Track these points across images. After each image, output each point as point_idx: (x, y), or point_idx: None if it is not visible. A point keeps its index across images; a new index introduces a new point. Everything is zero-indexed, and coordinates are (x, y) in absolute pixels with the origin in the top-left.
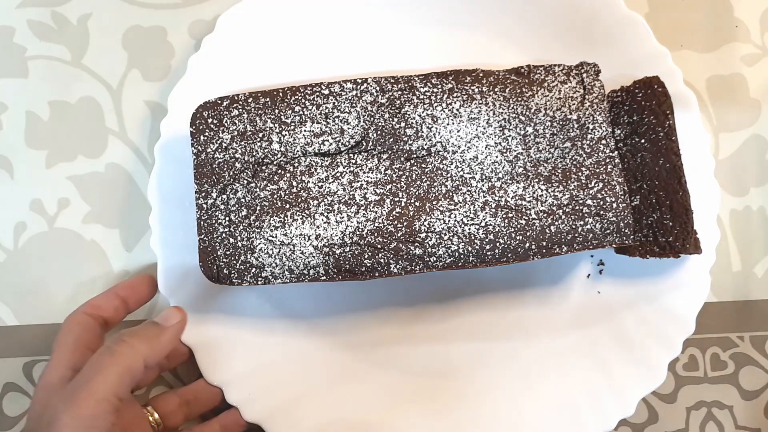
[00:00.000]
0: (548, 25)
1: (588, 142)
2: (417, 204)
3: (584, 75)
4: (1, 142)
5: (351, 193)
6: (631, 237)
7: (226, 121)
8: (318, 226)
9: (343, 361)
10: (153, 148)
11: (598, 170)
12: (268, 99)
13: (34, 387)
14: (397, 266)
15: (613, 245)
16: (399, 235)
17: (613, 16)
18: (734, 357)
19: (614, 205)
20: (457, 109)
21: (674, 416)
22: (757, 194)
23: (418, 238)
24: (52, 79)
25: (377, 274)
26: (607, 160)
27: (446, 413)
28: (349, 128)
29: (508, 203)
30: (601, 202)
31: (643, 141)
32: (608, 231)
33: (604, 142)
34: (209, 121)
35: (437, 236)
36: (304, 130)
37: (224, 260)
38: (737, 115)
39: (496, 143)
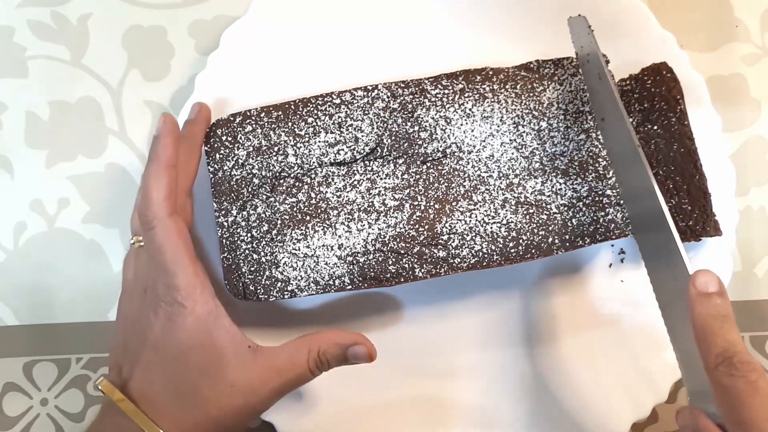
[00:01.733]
0: (551, 18)
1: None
2: (437, 206)
3: (602, 61)
4: (1, 142)
5: (370, 200)
6: None
7: (241, 138)
8: (340, 236)
9: (365, 367)
10: None
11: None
12: (280, 112)
13: (34, 387)
14: (422, 270)
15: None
16: (421, 238)
17: (616, 4)
18: None
19: None
20: (470, 109)
21: (674, 416)
22: (757, 194)
23: (440, 241)
24: (52, 79)
25: (402, 280)
26: None
27: (478, 414)
28: (363, 136)
29: (528, 199)
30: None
31: (655, 127)
32: (627, 219)
33: None
34: (223, 138)
35: (460, 237)
36: (319, 141)
37: (249, 277)
38: (737, 115)
39: (511, 140)
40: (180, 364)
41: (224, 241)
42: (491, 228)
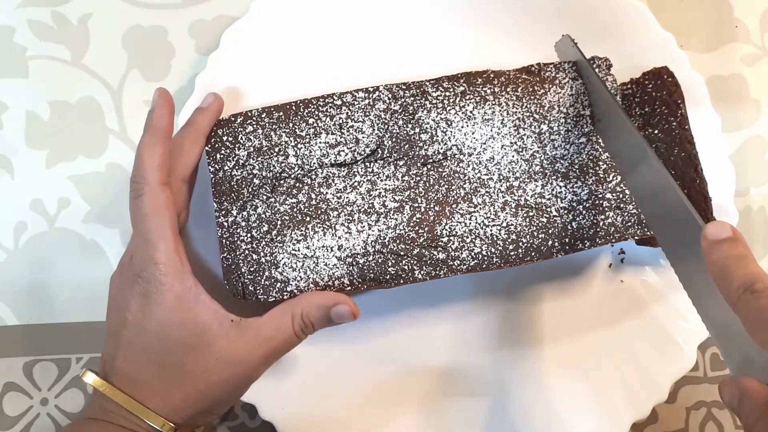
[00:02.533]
0: (553, 21)
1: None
2: (437, 208)
3: (596, 69)
4: (1, 142)
5: (370, 201)
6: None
7: (242, 138)
8: (340, 237)
9: (361, 367)
10: None
11: (614, 163)
12: (281, 113)
13: (34, 387)
14: (422, 272)
15: (636, 237)
16: (421, 240)
17: (616, 4)
18: None
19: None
20: (471, 112)
21: (674, 416)
22: (757, 194)
23: (440, 243)
24: (53, 79)
25: (402, 281)
26: None
27: (477, 414)
28: (363, 137)
29: (528, 202)
30: (621, 195)
31: (656, 132)
32: (630, 223)
33: None
34: (224, 138)
35: (459, 239)
36: (320, 142)
37: (249, 277)
38: (737, 115)
39: (511, 143)
40: (161, 341)
41: (224, 241)
42: (491, 230)
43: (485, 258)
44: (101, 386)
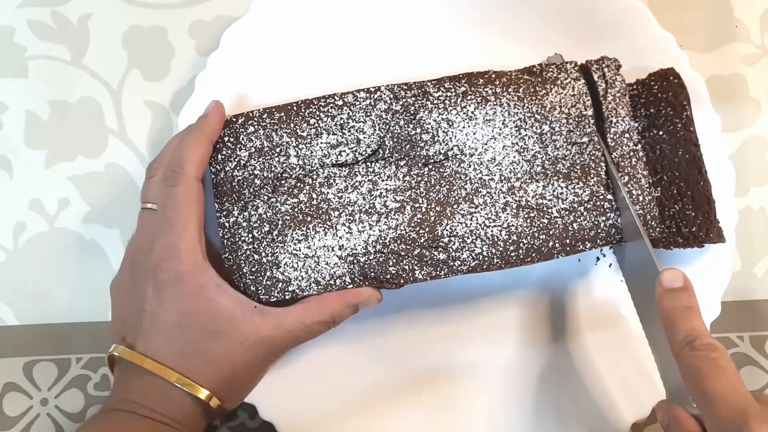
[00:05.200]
0: (555, 21)
1: (611, 135)
2: (438, 209)
3: (605, 69)
4: (1, 142)
5: (371, 201)
6: (657, 229)
7: (243, 139)
8: (341, 237)
9: (361, 367)
10: (153, 148)
11: (622, 164)
12: (282, 113)
13: (34, 387)
14: (422, 272)
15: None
16: (422, 241)
17: (616, 4)
18: (734, 357)
19: (640, 198)
20: (472, 112)
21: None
22: (757, 194)
23: (441, 243)
24: (52, 79)
25: (402, 281)
26: (631, 154)
27: (477, 415)
28: (365, 137)
29: (529, 203)
30: (627, 195)
31: (661, 133)
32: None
33: (627, 135)
34: (226, 139)
35: (460, 240)
36: (321, 142)
37: (250, 277)
38: (737, 115)
39: (513, 143)
40: (184, 329)
41: (225, 241)
42: (492, 231)
43: (486, 259)
44: (152, 366)
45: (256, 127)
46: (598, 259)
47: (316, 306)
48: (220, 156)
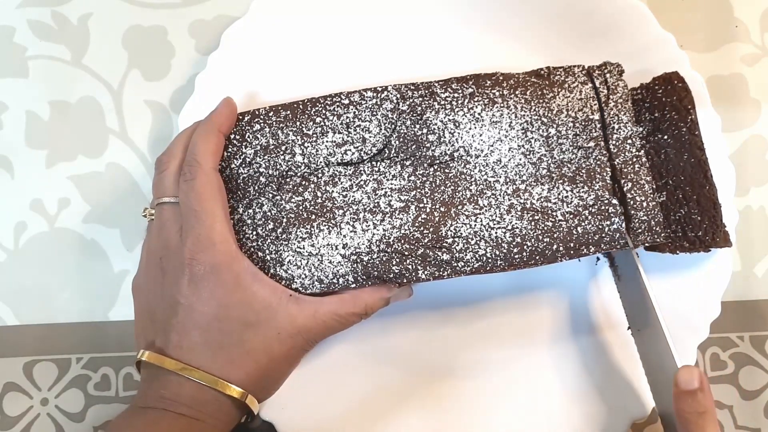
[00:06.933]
0: (563, 24)
1: (614, 141)
2: (442, 209)
3: (608, 75)
4: (1, 142)
5: (375, 201)
6: (662, 234)
7: (249, 136)
8: (344, 236)
9: (362, 367)
10: (153, 148)
11: (625, 169)
12: (288, 112)
13: (34, 387)
14: (425, 272)
15: (645, 244)
16: (426, 241)
17: (616, 4)
18: (734, 357)
19: (644, 203)
20: (479, 113)
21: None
22: (757, 194)
23: (445, 244)
24: (53, 79)
25: (405, 281)
26: (634, 159)
27: (478, 415)
28: (370, 137)
29: (534, 205)
30: (631, 201)
31: (666, 137)
32: (639, 230)
33: (630, 141)
34: (231, 137)
35: (464, 241)
36: (327, 141)
37: None
38: (737, 115)
39: (519, 146)
40: (221, 320)
41: None
42: (496, 233)
43: (489, 260)
44: (177, 367)
45: (262, 124)
46: (598, 259)
47: (351, 298)
48: (225, 153)
